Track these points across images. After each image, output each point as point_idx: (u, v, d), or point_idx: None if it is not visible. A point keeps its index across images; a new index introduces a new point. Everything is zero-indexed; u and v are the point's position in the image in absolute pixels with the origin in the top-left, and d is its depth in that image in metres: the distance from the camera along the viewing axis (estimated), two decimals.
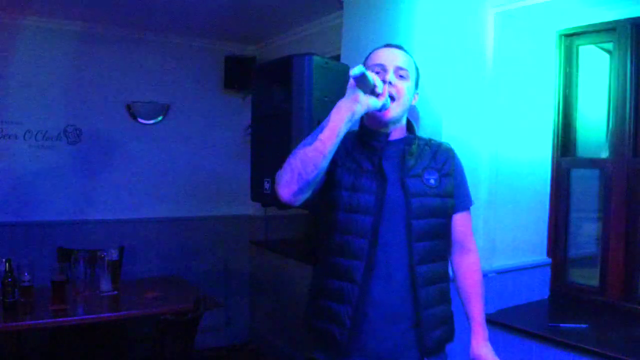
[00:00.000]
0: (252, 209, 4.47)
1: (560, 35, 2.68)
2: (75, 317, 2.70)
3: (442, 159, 1.67)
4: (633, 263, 2.42)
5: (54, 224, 3.84)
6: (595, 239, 2.64)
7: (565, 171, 2.72)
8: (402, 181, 1.59)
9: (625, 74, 2.43)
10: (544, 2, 2.31)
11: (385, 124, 1.59)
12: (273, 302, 4.28)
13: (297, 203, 1.52)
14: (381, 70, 1.57)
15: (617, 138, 2.47)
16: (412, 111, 1.66)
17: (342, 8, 2.96)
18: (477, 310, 1.73)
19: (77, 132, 3.94)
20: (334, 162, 1.55)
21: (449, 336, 1.68)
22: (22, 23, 3.72)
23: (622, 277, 2.43)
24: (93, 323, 2.77)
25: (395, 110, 1.57)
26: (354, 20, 2.81)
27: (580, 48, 2.68)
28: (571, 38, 2.68)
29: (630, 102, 2.41)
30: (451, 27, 2.36)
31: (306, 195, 1.50)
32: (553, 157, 2.74)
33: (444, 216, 1.65)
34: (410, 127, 1.69)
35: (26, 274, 2.78)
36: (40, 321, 2.62)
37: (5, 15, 3.63)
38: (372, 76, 1.43)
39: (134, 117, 4.14)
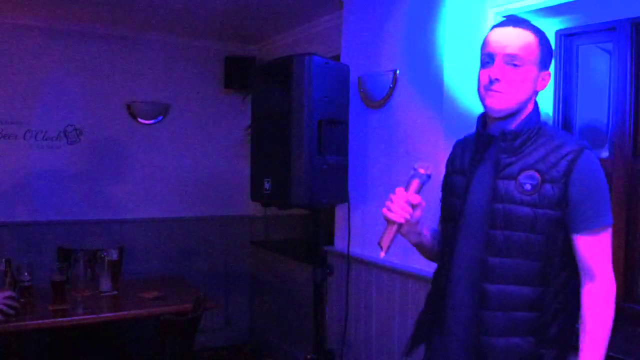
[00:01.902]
0: (252, 209, 4.48)
1: (560, 35, 2.68)
2: (75, 317, 2.69)
3: (554, 160, 1.35)
4: (633, 263, 2.41)
5: (54, 224, 3.84)
6: None
7: None
8: (493, 182, 1.37)
9: (625, 74, 2.42)
10: (544, 1, 2.31)
11: (494, 119, 1.41)
12: (273, 302, 4.28)
13: None
14: (490, 60, 1.38)
15: (617, 138, 2.47)
16: None
17: (342, 8, 2.96)
18: (580, 351, 1.34)
19: (77, 132, 3.94)
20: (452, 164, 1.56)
21: None
22: (21, 23, 3.72)
23: (622, 277, 2.42)
24: (93, 323, 2.77)
25: (501, 104, 1.37)
26: (354, 20, 2.81)
27: (580, 48, 2.68)
28: (571, 38, 2.67)
29: (630, 102, 2.41)
30: (451, 27, 2.36)
31: None
32: None
33: (540, 232, 1.33)
34: (533, 116, 1.42)
35: (26, 274, 2.78)
36: (40, 321, 2.61)
37: (4, 15, 3.63)
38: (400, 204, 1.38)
39: (134, 117, 4.14)
